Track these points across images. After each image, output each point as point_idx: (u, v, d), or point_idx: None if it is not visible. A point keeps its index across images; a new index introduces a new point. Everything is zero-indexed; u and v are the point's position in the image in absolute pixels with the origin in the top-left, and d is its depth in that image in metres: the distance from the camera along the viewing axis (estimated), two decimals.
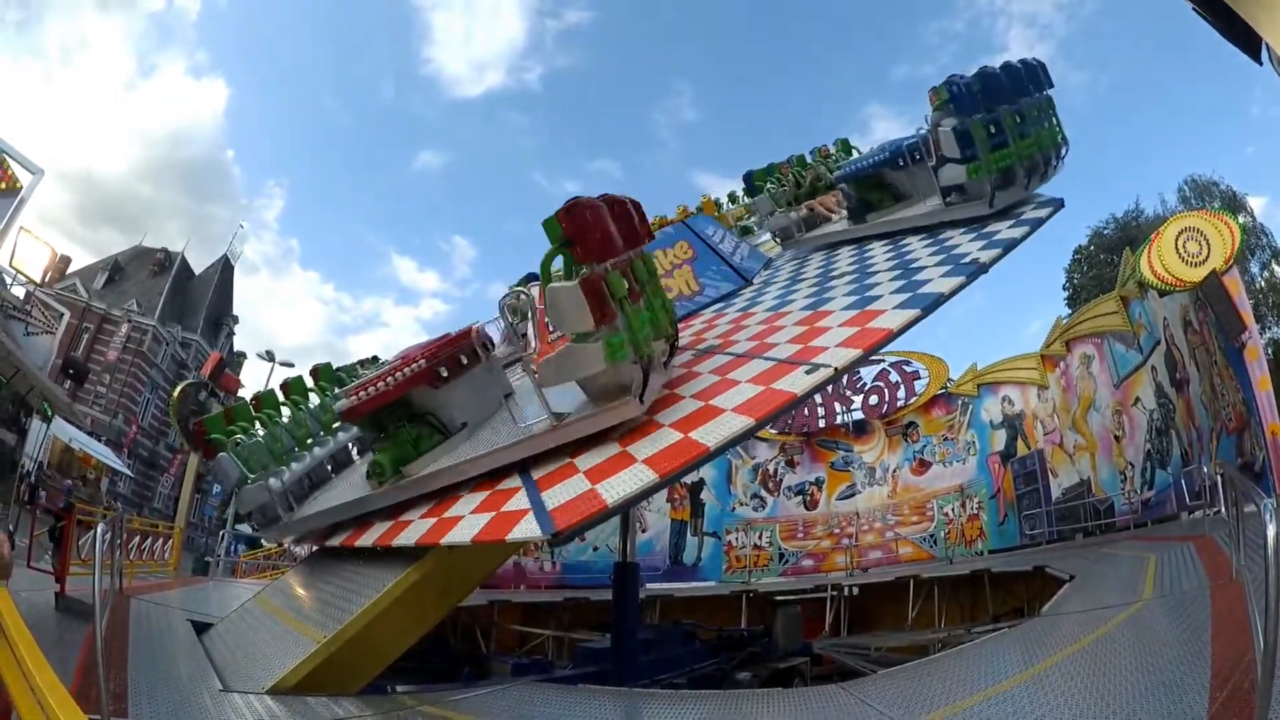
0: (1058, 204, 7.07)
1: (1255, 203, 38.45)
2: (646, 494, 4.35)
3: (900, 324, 5.11)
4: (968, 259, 6.07)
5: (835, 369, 4.75)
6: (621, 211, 5.61)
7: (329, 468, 8.27)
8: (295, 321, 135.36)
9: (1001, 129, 6.98)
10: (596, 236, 4.92)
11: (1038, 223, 6.63)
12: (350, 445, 8.52)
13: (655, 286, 6.01)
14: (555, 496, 4.57)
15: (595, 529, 18.08)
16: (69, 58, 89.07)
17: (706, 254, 9.63)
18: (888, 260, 7.24)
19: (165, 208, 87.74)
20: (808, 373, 4.76)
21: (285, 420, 8.34)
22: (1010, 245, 6.23)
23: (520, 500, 4.79)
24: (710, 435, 4.42)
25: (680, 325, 8.16)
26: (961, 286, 5.63)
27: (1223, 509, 8.41)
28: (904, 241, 7.71)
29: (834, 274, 7.66)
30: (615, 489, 4.28)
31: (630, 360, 4.82)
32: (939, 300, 5.37)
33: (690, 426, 4.68)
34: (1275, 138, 43.85)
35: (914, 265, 6.60)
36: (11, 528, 12.35)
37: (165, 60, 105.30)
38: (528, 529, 4.33)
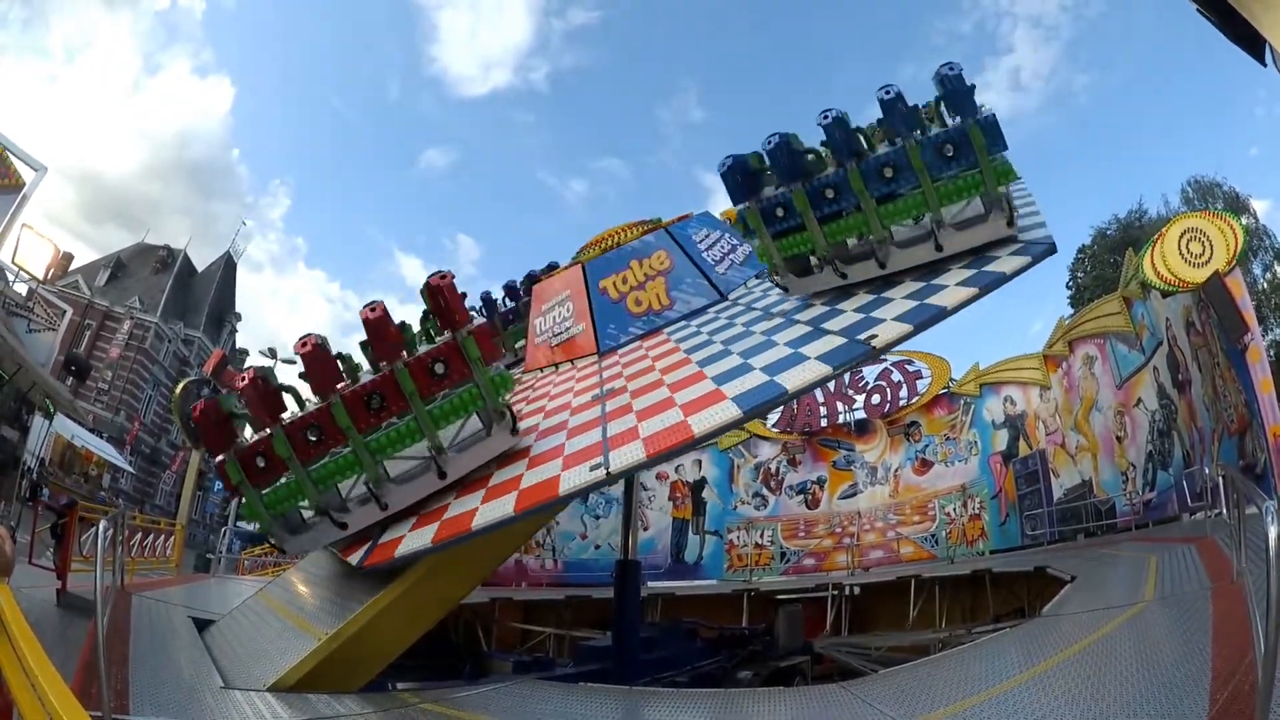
0: (1031, 262, 5.47)
1: (1258, 205, 38.25)
2: (419, 555, 5.11)
3: (707, 429, 4.75)
4: (865, 335, 5.27)
5: (608, 473, 4.79)
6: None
7: None
8: (300, 319, 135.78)
9: (793, 210, 6.04)
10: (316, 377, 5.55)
11: (997, 281, 5.46)
12: None
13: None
14: (387, 535, 5.53)
15: (598, 526, 18.28)
16: (74, 56, 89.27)
17: (684, 265, 9.26)
18: (821, 309, 6.52)
19: (169, 206, 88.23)
20: (591, 469, 4.92)
21: None
22: (935, 318, 5.31)
23: (373, 530, 5.71)
24: (482, 518, 5.03)
25: (630, 347, 8.49)
26: (825, 379, 5.03)
27: (1224, 511, 8.40)
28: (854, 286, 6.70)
29: (776, 310, 7.19)
30: (407, 544, 5.19)
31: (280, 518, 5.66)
32: (778, 399, 4.94)
33: (490, 497, 5.35)
34: (1278, 139, 43.78)
35: (823, 325, 5.93)
36: (13, 524, 12.39)
37: (171, 59, 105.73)
38: (357, 557, 5.38)
